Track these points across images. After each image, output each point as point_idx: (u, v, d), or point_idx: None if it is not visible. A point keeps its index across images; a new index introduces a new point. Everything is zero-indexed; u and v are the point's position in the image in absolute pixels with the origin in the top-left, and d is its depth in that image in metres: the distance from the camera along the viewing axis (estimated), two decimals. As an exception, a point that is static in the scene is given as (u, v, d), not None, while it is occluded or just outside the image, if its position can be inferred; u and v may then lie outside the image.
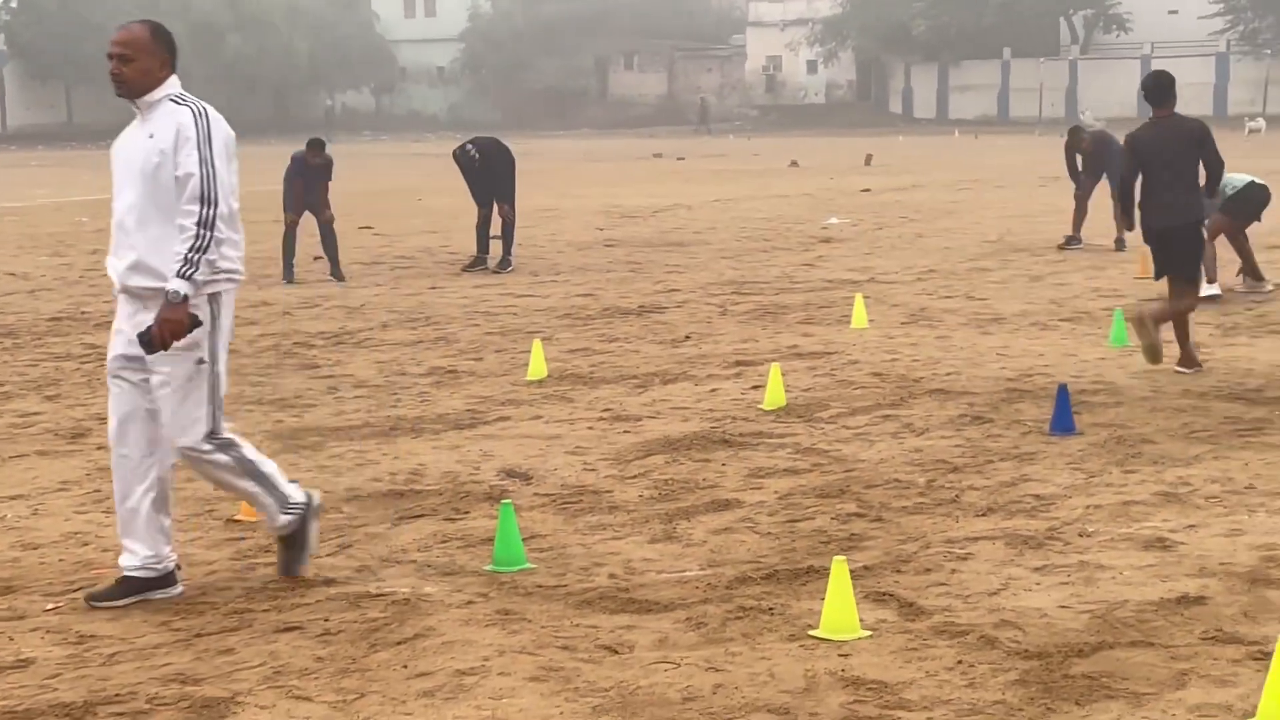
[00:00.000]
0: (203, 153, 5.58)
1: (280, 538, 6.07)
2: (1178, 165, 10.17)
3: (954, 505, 6.99)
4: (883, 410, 9.16)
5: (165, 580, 5.87)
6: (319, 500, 6.17)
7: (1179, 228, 10.20)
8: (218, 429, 5.81)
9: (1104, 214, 18.43)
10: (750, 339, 12.11)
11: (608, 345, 12.01)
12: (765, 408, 9.27)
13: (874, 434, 8.53)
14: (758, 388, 9.80)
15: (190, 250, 5.54)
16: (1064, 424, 8.39)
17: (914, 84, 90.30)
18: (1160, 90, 10.30)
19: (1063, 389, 8.57)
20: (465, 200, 18.92)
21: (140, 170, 5.66)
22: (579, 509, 7.10)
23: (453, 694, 4.82)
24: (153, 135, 5.67)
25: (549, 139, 72.62)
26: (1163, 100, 10.29)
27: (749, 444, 8.35)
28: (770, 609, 5.57)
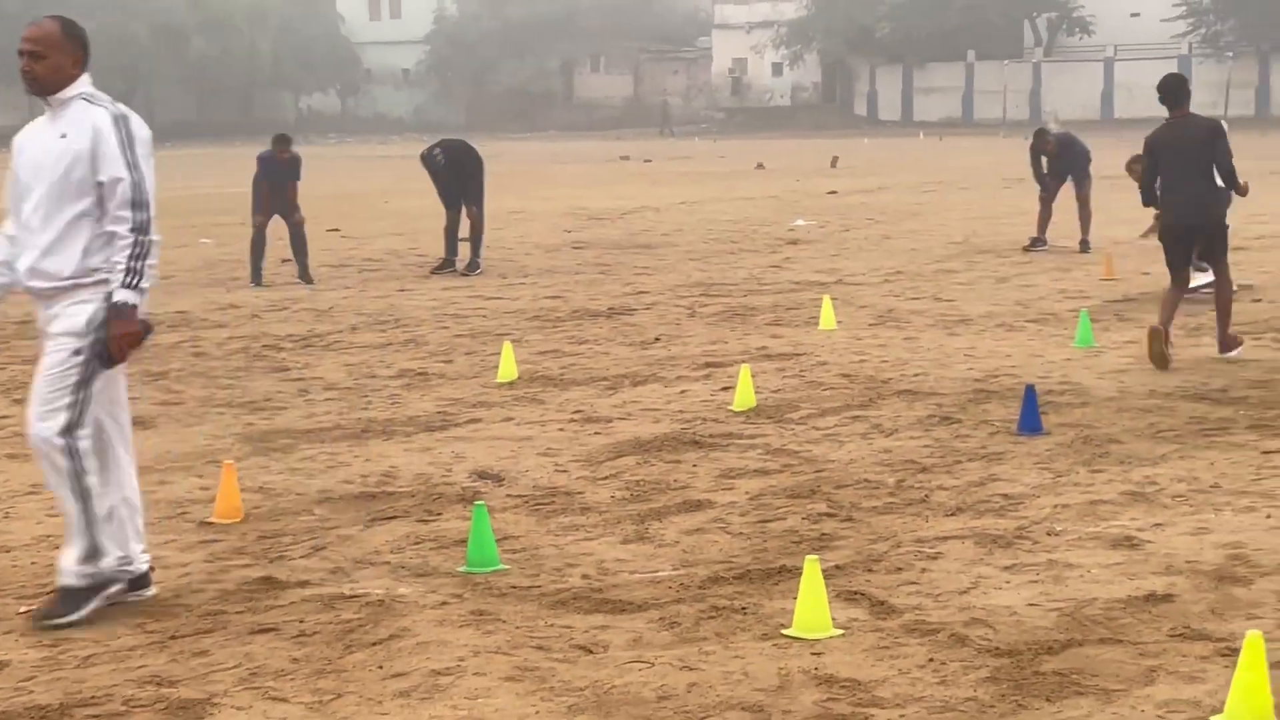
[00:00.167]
0: (129, 157, 5.49)
1: (61, 585, 5.67)
2: (1195, 163, 10.47)
3: (923, 505, 7.05)
4: (852, 411, 9.22)
5: (139, 582, 5.86)
6: (120, 588, 5.75)
7: (1202, 224, 10.56)
8: (75, 428, 5.53)
9: (1070, 216, 18.59)
10: (719, 340, 12.16)
11: (577, 347, 12.03)
12: (735, 409, 9.32)
13: (843, 435, 8.58)
14: (727, 389, 9.85)
15: (131, 259, 5.46)
16: (1031, 424, 8.45)
17: (879, 86, 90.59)
18: (1174, 91, 10.58)
19: (1030, 389, 8.64)
20: (432, 203, 18.91)
21: (50, 170, 5.54)
22: (551, 510, 7.12)
23: (429, 694, 4.85)
24: (65, 135, 5.55)
25: (515, 141, 72.56)
26: (1177, 101, 10.58)
27: (719, 445, 8.39)
28: (743, 608, 5.61)
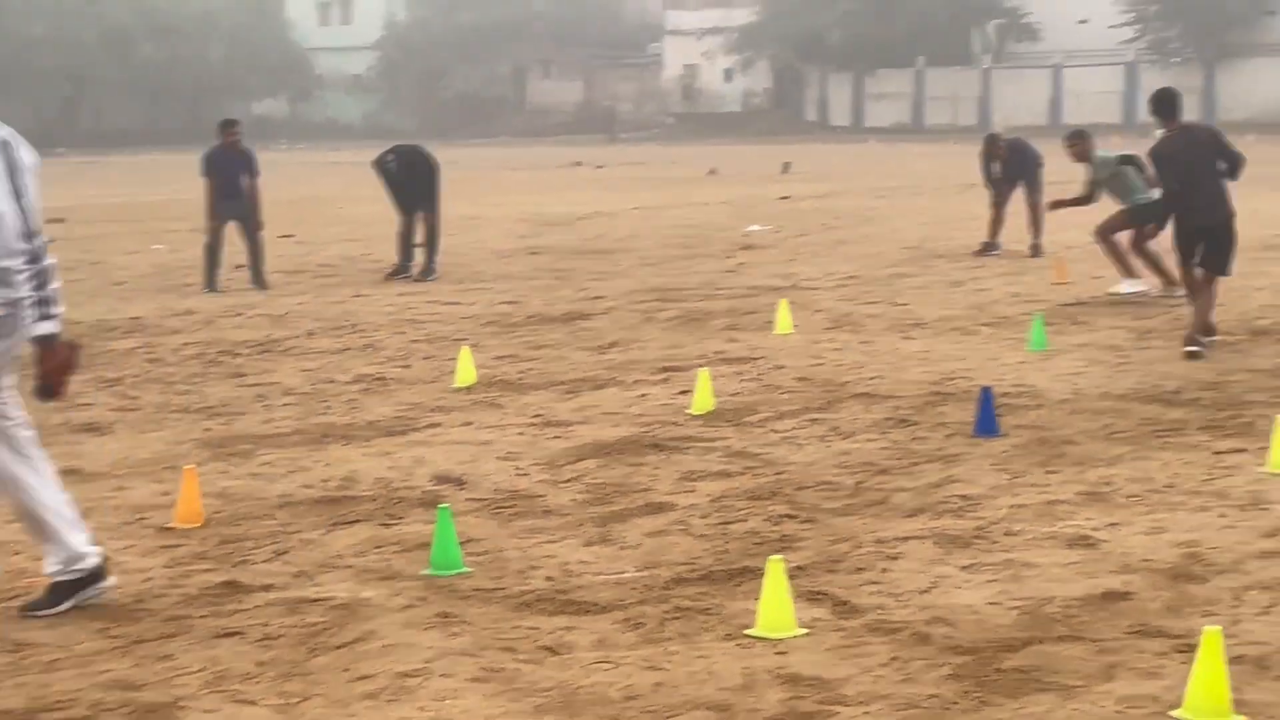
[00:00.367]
0: (14, 184, 5.44)
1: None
2: (1208, 167, 10.98)
3: (883, 506, 7.11)
4: (810, 414, 9.28)
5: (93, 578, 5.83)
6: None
7: (1220, 225, 11.01)
8: None
9: (1021, 221, 18.72)
10: (676, 345, 12.20)
11: (535, 352, 12.05)
12: (694, 412, 9.36)
13: (802, 437, 8.64)
14: (685, 393, 9.89)
15: (37, 289, 5.45)
16: (988, 426, 8.53)
17: (829, 92, 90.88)
18: (1170, 105, 11.16)
19: (986, 392, 8.72)
20: (386, 208, 18.88)
21: None
22: (513, 513, 7.15)
23: (396, 696, 4.87)
24: None
25: (467, 147, 72.38)
26: (1173, 113, 11.14)
27: (679, 448, 8.44)
28: (707, 609, 5.65)
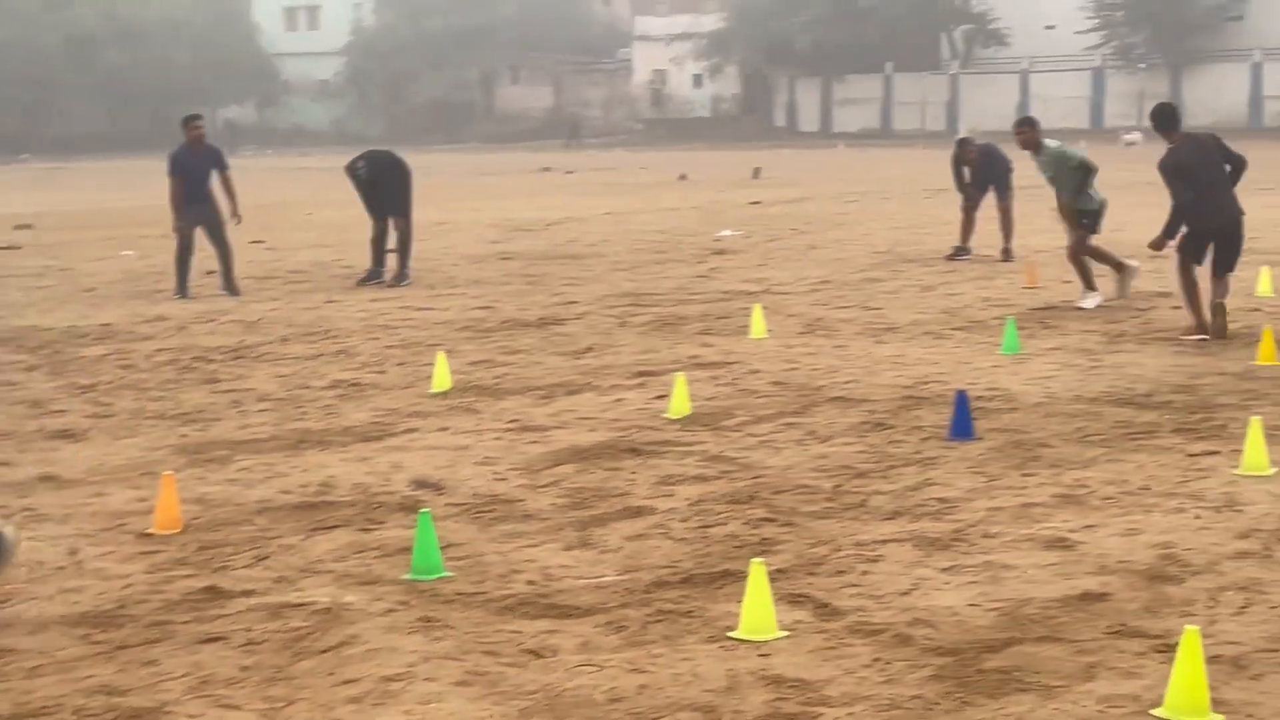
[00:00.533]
0: None
1: None
2: (1219, 172, 11.79)
3: (861, 509, 7.15)
4: (786, 418, 9.31)
5: None
6: None
7: (1234, 224, 11.77)
8: None
9: (992, 225, 18.82)
10: (651, 350, 12.22)
11: (510, 357, 12.06)
12: (671, 417, 9.38)
13: (779, 441, 8.67)
14: (661, 397, 9.91)
15: None
16: (963, 429, 8.58)
17: (798, 98, 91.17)
18: (1172, 118, 11.97)
19: (961, 395, 8.77)
20: (356, 213, 18.86)
21: None
22: (493, 518, 7.16)
23: (381, 700, 4.88)
24: None
25: (436, 153, 72.34)
26: (1176, 125, 11.90)
27: (657, 452, 8.46)
28: (689, 612, 5.68)
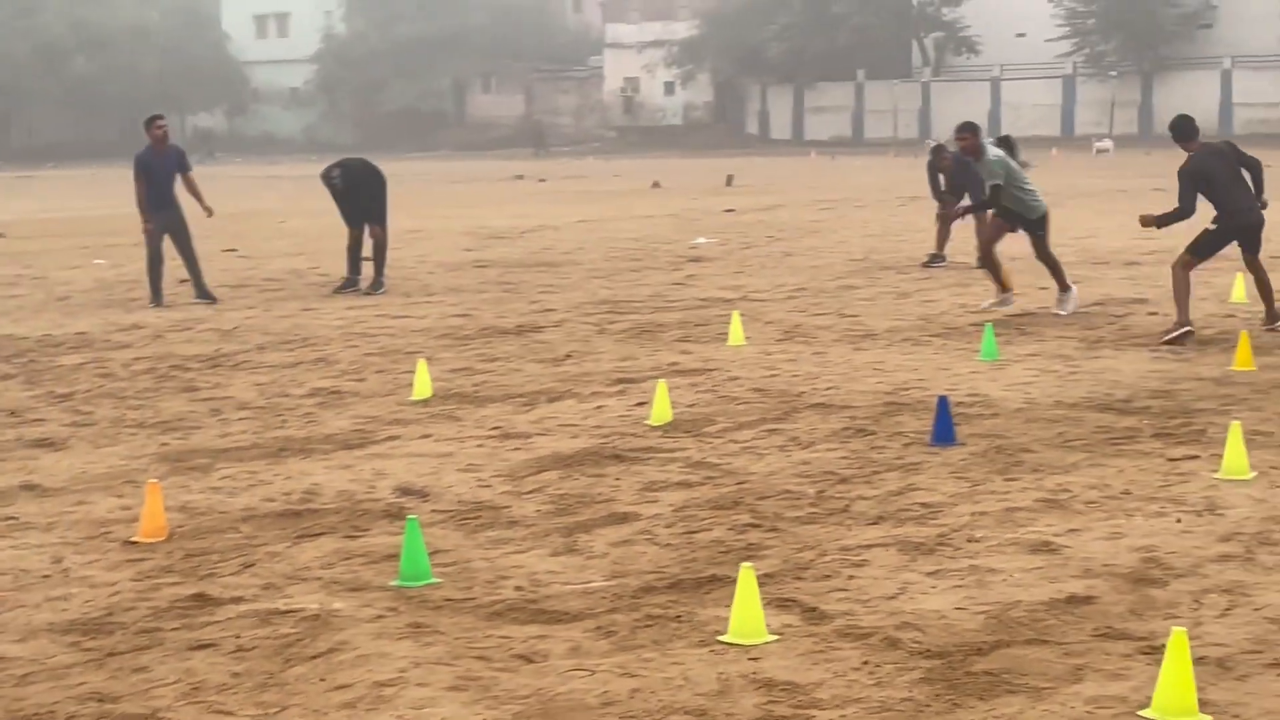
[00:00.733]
0: None
1: None
2: (1237, 176, 12.53)
3: (845, 514, 7.18)
4: (767, 425, 9.35)
5: None
6: None
7: (1257, 223, 12.53)
8: None
9: (967, 232, 18.90)
10: (630, 357, 12.25)
11: (489, 365, 12.07)
12: (652, 423, 9.41)
13: (761, 447, 8.70)
14: (642, 404, 9.94)
15: None
16: (945, 435, 8.63)
17: (770, 105, 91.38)
18: (1190, 129, 12.57)
19: (943, 401, 8.81)
20: (331, 221, 18.83)
21: None
22: (479, 524, 7.17)
23: (374, 705, 4.89)
24: None
25: (407, 161, 72.26)
26: (1194, 135, 12.54)
27: (640, 459, 8.48)
28: (678, 616, 5.70)
